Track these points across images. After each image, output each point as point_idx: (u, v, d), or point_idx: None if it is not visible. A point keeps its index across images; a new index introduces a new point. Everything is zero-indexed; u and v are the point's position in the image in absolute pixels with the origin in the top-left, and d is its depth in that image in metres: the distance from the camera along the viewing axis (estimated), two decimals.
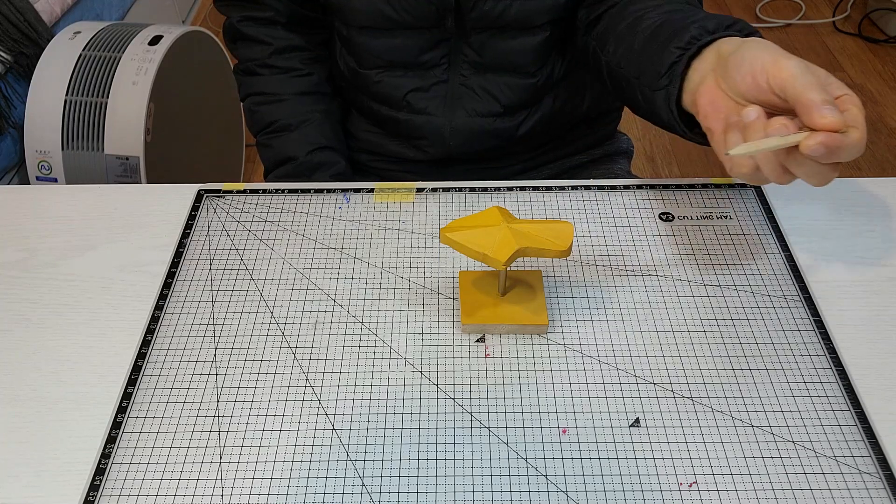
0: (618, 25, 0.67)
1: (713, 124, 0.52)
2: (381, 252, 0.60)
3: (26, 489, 0.46)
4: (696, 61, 0.55)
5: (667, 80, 0.57)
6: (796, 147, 0.47)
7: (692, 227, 0.61)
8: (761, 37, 0.55)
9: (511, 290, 0.55)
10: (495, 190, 0.65)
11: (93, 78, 1.28)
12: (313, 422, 0.48)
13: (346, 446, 0.47)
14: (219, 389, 0.51)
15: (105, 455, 0.47)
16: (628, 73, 0.63)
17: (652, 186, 0.65)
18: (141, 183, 1.28)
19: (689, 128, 0.57)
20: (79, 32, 1.34)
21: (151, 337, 0.54)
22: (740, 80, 0.50)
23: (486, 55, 0.74)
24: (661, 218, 0.62)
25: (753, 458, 0.46)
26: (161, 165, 1.34)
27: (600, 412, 0.48)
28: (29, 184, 1.31)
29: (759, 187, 0.64)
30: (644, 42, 0.61)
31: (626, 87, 0.64)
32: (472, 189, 0.65)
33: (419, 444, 0.47)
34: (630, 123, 1.91)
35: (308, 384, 0.51)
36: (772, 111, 0.49)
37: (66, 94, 1.28)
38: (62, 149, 1.29)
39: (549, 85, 0.77)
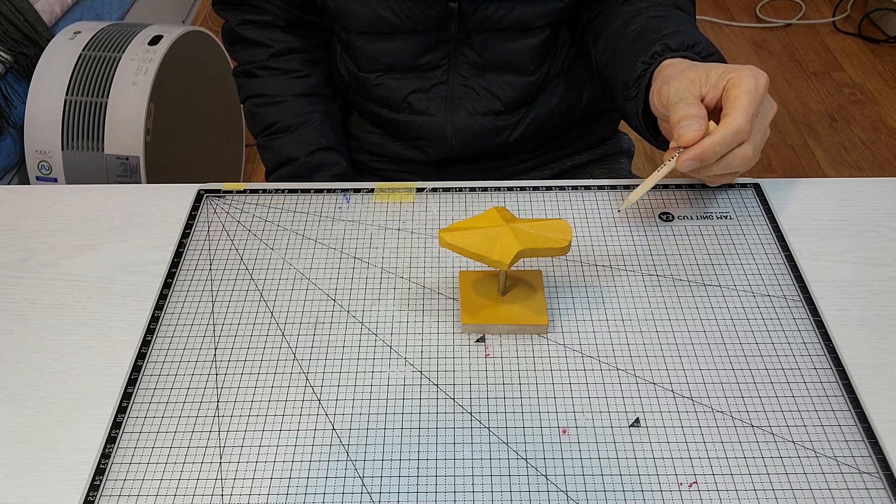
0: (612, 24, 0.68)
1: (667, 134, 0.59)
2: (381, 252, 0.60)
3: (26, 489, 0.46)
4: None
5: (634, 93, 0.62)
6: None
7: (692, 227, 0.61)
8: (721, 58, 0.61)
9: (511, 290, 0.55)
10: (495, 190, 0.65)
11: (93, 78, 1.28)
12: (313, 422, 0.48)
13: (346, 446, 0.47)
14: (219, 389, 0.51)
15: (105, 455, 0.47)
16: (610, 77, 0.68)
17: (652, 186, 0.65)
18: (141, 183, 1.28)
19: (655, 135, 0.63)
20: (79, 32, 1.34)
21: (151, 337, 0.54)
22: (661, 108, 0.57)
23: (485, 56, 0.74)
24: (661, 218, 0.62)
25: (753, 458, 0.46)
26: (161, 165, 1.34)
27: (600, 412, 0.48)
28: (29, 184, 1.31)
29: (759, 187, 0.64)
30: (624, 48, 0.66)
31: (608, 88, 0.70)
32: (472, 189, 0.65)
33: (419, 444, 0.47)
34: None
35: (308, 384, 0.51)
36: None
37: (66, 94, 1.28)
38: (62, 149, 1.29)
39: (548, 81, 0.77)
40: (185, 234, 0.62)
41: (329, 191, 0.66)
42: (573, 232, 0.60)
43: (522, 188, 0.65)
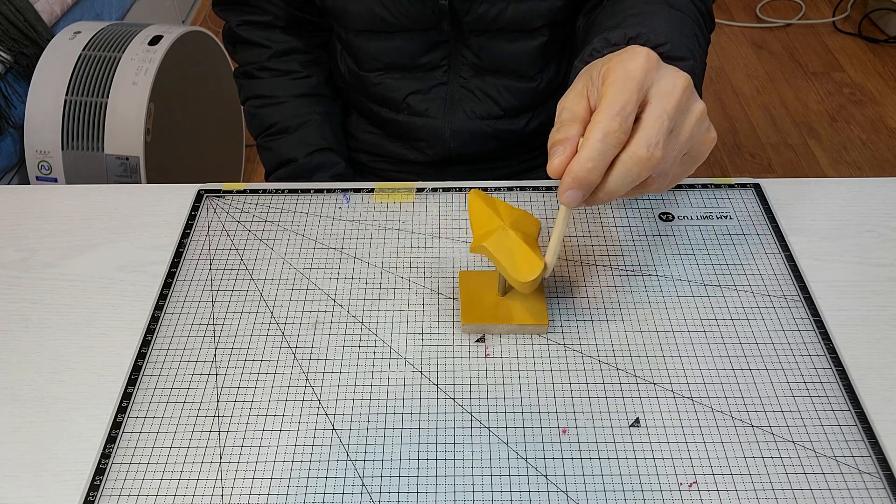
0: (604, 22, 0.66)
1: None
2: (381, 252, 0.60)
3: (26, 489, 0.46)
4: None
5: None
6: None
7: (692, 227, 0.61)
8: (681, 51, 0.53)
9: (511, 291, 0.55)
10: (495, 190, 0.65)
11: (93, 78, 1.28)
12: (313, 422, 0.48)
13: (346, 446, 0.47)
14: (219, 389, 0.51)
15: (105, 455, 0.47)
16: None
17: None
18: (141, 183, 1.28)
19: None
20: (79, 32, 1.34)
21: (151, 337, 0.54)
22: None
23: (484, 58, 0.74)
24: (661, 218, 0.62)
25: (753, 458, 0.46)
26: (161, 165, 1.34)
27: (600, 412, 0.48)
28: (29, 184, 1.31)
29: (759, 187, 0.64)
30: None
31: None
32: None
33: (419, 444, 0.47)
34: None
35: (308, 384, 0.51)
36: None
37: (66, 94, 1.28)
38: (62, 149, 1.29)
39: (551, 89, 0.77)
40: (185, 234, 0.62)
41: (329, 191, 0.66)
42: (573, 232, 0.60)
43: (522, 188, 0.65)
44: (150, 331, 0.54)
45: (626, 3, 0.61)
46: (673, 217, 0.62)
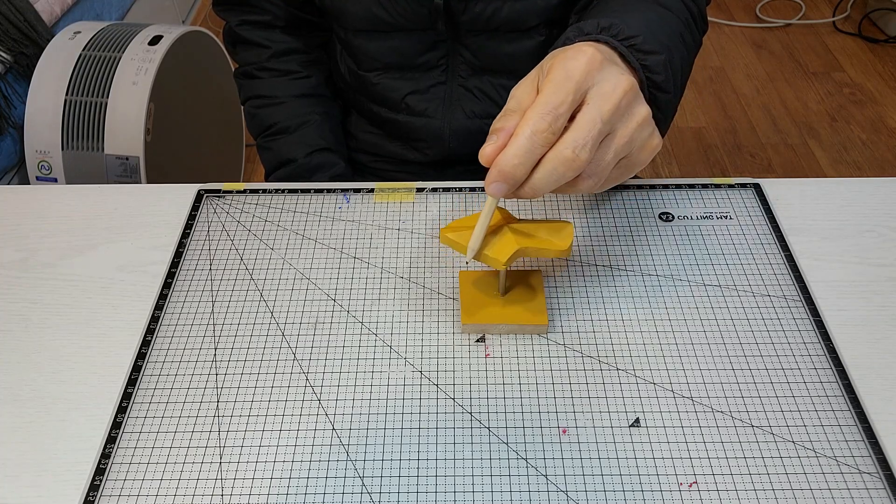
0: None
1: None
2: (381, 252, 0.60)
3: (26, 489, 0.46)
4: None
5: None
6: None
7: (692, 227, 0.61)
8: (655, 44, 0.52)
9: (511, 290, 0.55)
10: None
11: (93, 78, 1.28)
12: (313, 422, 0.48)
13: (346, 446, 0.47)
14: (219, 389, 0.51)
15: (105, 455, 0.47)
16: None
17: (652, 186, 0.65)
18: (141, 183, 1.28)
19: None
20: (79, 32, 1.34)
21: (151, 337, 0.54)
22: None
23: (481, 57, 0.74)
24: (661, 218, 0.62)
25: (753, 458, 0.46)
26: (161, 165, 1.34)
27: (600, 412, 0.48)
28: (29, 184, 1.31)
29: (759, 187, 0.64)
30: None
31: None
32: (472, 189, 0.65)
33: (419, 444, 0.47)
34: None
35: (308, 384, 0.51)
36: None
37: (66, 94, 1.28)
38: (62, 149, 1.29)
39: None
40: (185, 234, 0.62)
41: (329, 191, 0.66)
42: (574, 233, 0.60)
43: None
44: (150, 331, 0.54)
45: (616, 1, 0.61)
46: (673, 217, 0.62)
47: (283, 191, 0.66)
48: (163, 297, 0.57)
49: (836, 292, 0.56)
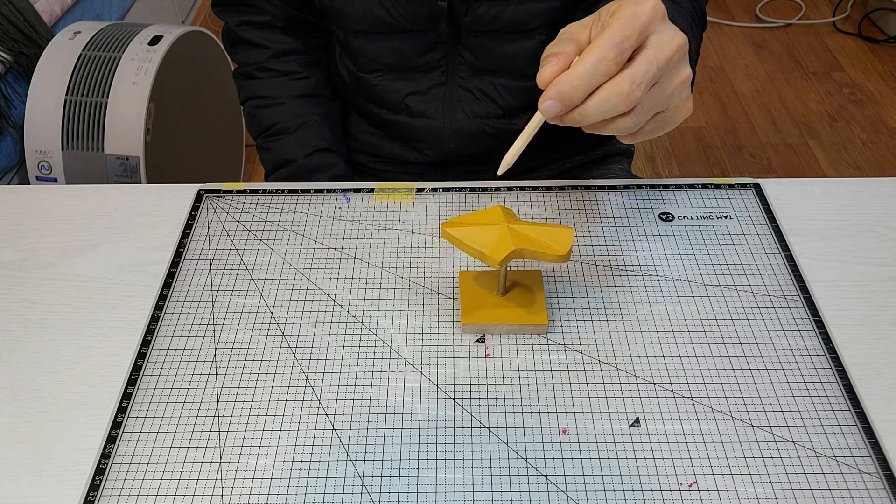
0: None
1: None
2: (381, 252, 0.60)
3: (26, 489, 0.46)
4: None
5: None
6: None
7: (692, 227, 0.61)
8: (687, 19, 0.53)
9: (511, 291, 0.55)
10: (495, 190, 0.65)
11: (93, 78, 1.28)
12: (313, 422, 0.48)
13: (346, 446, 0.47)
14: (219, 389, 0.51)
15: (105, 455, 0.47)
16: None
17: (652, 186, 0.65)
18: (141, 183, 1.28)
19: None
20: (79, 32, 1.34)
21: (151, 337, 0.54)
22: None
23: (482, 58, 0.74)
24: (660, 218, 0.62)
25: (753, 458, 0.46)
26: (161, 165, 1.34)
27: (600, 412, 0.48)
28: (29, 184, 1.31)
29: (759, 187, 0.64)
30: None
31: None
32: (472, 189, 0.65)
33: (419, 444, 0.47)
34: None
35: (308, 384, 0.51)
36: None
37: (66, 94, 1.28)
38: (62, 149, 1.29)
39: None
40: (185, 234, 0.62)
41: (329, 191, 0.66)
42: (574, 234, 0.60)
43: (522, 188, 0.65)
44: (150, 331, 0.54)
45: None
46: (673, 217, 0.62)
47: (283, 191, 0.66)
48: (163, 297, 0.57)
49: (836, 292, 0.56)
